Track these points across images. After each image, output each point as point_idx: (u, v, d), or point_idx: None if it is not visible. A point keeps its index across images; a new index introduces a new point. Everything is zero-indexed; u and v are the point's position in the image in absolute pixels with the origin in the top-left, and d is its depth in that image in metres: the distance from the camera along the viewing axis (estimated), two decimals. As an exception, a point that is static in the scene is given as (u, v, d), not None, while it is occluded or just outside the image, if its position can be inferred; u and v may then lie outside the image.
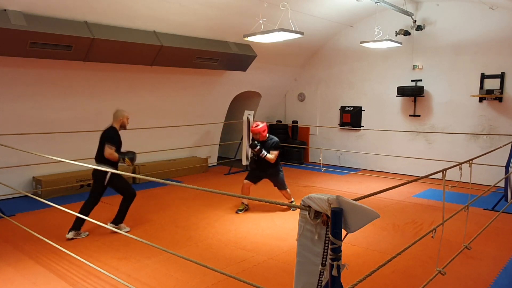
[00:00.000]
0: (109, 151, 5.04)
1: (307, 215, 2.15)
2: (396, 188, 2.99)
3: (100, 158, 5.14)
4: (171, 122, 8.98)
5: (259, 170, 6.43)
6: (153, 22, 7.12)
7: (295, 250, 2.27)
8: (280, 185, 6.49)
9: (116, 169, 5.14)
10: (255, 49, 9.06)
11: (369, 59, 10.03)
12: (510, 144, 6.40)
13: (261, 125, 6.27)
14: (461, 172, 4.05)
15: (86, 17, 6.39)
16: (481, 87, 8.34)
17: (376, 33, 8.14)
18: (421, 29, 8.95)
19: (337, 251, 2.00)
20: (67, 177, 7.34)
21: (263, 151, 6.17)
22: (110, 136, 5.13)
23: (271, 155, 6.26)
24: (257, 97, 11.22)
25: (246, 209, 6.43)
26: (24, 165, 6.72)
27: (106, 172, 4.88)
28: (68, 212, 4.45)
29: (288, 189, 6.54)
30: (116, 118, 5.28)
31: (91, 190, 5.28)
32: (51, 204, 4.76)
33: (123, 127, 5.33)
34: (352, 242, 4.95)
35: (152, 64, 7.65)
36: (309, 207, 2.13)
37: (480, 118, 8.48)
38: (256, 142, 6.26)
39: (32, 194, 5.93)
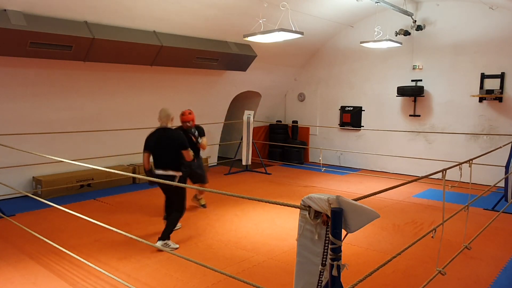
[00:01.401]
0: (191, 153, 4.88)
1: (307, 215, 2.16)
2: (396, 188, 2.98)
3: (172, 163, 4.81)
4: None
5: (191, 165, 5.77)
6: (153, 22, 7.12)
7: (295, 250, 2.27)
8: (203, 178, 6.19)
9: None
10: (255, 49, 9.07)
11: (369, 59, 10.03)
12: (510, 144, 6.40)
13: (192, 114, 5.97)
14: (461, 172, 4.05)
15: (86, 17, 6.39)
16: (481, 87, 8.34)
17: (376, 33, 8.14)
18: (421, 29, 8.95)
19: (337, 251, 2.00)
20: (67, 177, 7.34)
21: (199, 138, 5.98)
22: (184, 139, 4.89)
23: (204, 141, 6.05)
24: (257, 97, 11.22)
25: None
26: (24, 165, 6.72)
27: (179, 176, 4.83)
28: (68, 212, 4.45)
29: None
30: (168, 117, 4.93)
31: (177, 201, 4.90)
32: (51, 204, 4.76)
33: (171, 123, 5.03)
34: (352, 242, 4.95)
35: (152, 64, 7.65)
36: (309, 207, 2.13)
37: (480, 118, 8.48)
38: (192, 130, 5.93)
39: (32, 194, 5.93)
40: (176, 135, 4.92)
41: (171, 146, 4.80)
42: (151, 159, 4.90)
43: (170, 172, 4.78)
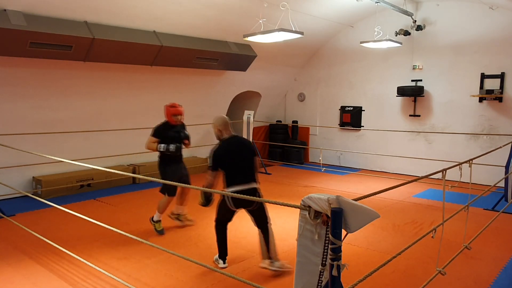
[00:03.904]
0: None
1: (307, 215, 2.16)
2: (396, 188, 2.99)
3: (253, 174, 4.14)
4: (171, 122, 8.98)
5: (179, 169, 5.30)
6: (153, 22, 7.12)
7: (295, 250, 2.27)
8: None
9: None
10: (255, 49, 9.06)
11: (369, 59, 10.02)
12: (510, 144, 6.40)
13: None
14: (461, 172, 4.05)
15: (86, 17, 6.39)
16: (481, 87, 8.34)
17: (376, 33, 8.13)
18: (421, 29, 8.95)
19: (337, 251, 2.00)
20: (67, 177, 7.34)
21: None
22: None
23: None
24: (257, 97, 11.22)
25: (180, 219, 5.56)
26: (24, 165, 6.72)
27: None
28: (68, 212, 4.45)
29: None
30: (228, 123, 4.34)
31: (260, 221, 4.26)
32: (51, 204, 4.75)
33: None
34: (352, 242, 4.95)
35: (152, 64, 7.65)
36: (309, 207, 2.13)
37: (480, 118, 8.48)
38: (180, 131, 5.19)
39: (32, 194, 5.93)
40: (248, 140, 4.31)
41: (249, 154, 4.14)
42: None
43: (254, 185, 4.11)
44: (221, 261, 4.33)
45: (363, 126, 10.32)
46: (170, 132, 5.10)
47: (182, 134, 5.23)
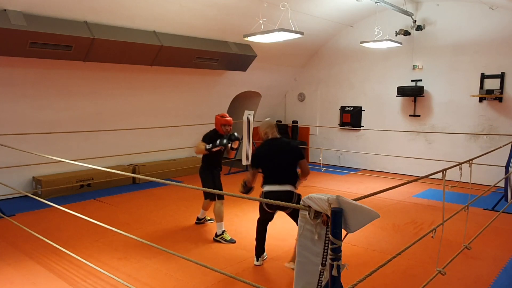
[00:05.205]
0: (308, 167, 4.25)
1: (307, 215, 2.16)
2: (396, 188, 2.98)
3: (290, 177, 4.15)
4: (171, 122, 8.99)
5: (216, 176, 5.36)
6: (153, 22, 7.12)
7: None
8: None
9: None
10: (255, 49, 9.07)
11: (369, 59, 10.02)
12: (510, 144, 6.40)
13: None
14: (461, 172, 4.05)
15: (86, 17, 6.39)
16: (481, 87, 8.34)
17: (376, 33, 8.13)
18: (421, 29, 8.95)
19: (337, 251, 2.00)
20: (67, 177, 7.34)
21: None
22: (301, 148, 4.38)
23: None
24: (257, 97, 11.22)
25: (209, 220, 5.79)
26: (24, 165, 6.72)
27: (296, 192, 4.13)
28: (68, 212, 4.45)
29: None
30: (274, 126, 4.53)
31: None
32: (51, 204, 4.76)
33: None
34: (352, 242, 4.95)
35: (152, 64, 7.64)
36: (309, 207, 2.13)
37: (480, 118, 8.48)
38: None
39: (32, 194, 5.93)
40: (292, 144, 4.33)
41: (289, 157, 4.19)
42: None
43: (287, 187, 4.07)
44: (255, 259, 4.42)
45: (363, 126, 10.32)
46: (218, 139, 5.23)
47: (232, 136, 5.24)
